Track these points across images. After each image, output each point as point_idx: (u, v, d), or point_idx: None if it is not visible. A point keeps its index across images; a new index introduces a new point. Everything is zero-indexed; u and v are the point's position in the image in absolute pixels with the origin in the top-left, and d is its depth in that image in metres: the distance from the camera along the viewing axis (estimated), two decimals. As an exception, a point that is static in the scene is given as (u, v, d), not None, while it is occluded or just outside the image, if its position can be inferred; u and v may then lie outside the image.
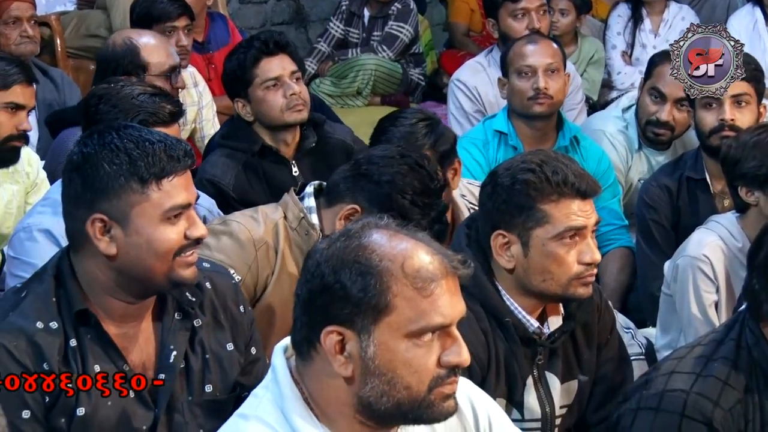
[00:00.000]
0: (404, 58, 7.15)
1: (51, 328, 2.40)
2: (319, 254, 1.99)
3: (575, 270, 2.71)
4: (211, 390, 2.55)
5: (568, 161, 2.77)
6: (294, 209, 3.14)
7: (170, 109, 3.36)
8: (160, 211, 2.38)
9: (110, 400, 2.44)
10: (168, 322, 2.51)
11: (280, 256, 3.10)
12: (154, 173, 2.37)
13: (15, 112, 3.78)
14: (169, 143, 2.41)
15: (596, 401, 2.95)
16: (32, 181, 4.00)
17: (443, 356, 1.96)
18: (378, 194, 3.05)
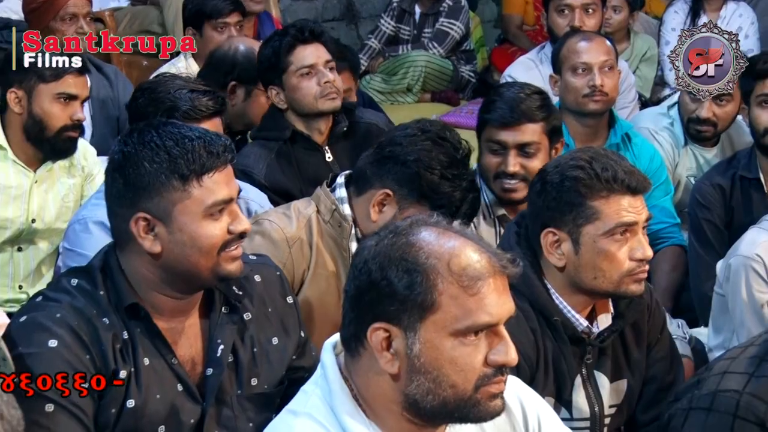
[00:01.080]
0: (455, 55, 7.14)
1: (105, 323, 2.42)
2: (367, 251, 1.99)
3: (627, 266, 2.70)
4: (257, 383, 2.56)
5: (618, 158, 2.76)
6: (326, 202, 3.13)
7: (208, 105, 3.38)
8: (202, 208, 2.39)
9: (159, 393, 2.46)
10: (215, 317, 2.52)
11: (314, 250, 3.09)
12: (194, 170, 2.38)
13: (68, 102, 3.80)
14: (208, 139, 2.42)
15: (646, 401, 2.93)
16: (87, 174, 4.02)
17: (490, 355, 1.95)
18: (406, 174, 3.04)
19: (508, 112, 3.52)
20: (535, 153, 3.54)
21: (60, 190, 3.96)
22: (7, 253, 3.93)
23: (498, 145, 3.56)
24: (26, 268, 3.96)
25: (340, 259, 3.10)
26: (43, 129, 3.80)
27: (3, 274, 3.94)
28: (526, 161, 3.53)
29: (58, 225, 3.94)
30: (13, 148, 3.84)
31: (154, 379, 2.46)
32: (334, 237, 3.11)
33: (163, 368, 2.47)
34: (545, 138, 3.56)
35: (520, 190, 3.53)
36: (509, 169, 3.53)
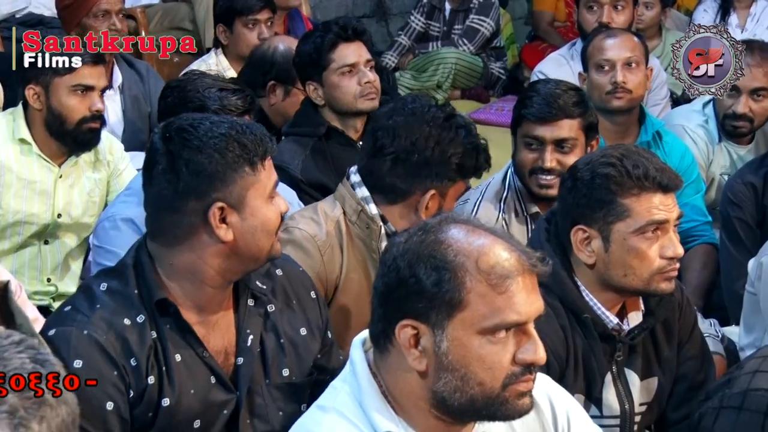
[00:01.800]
0: (485, 52, 7.13)
1: (138, 323, 2.44)
2: (396, 248, 1.99)
3: (657, 264, 2.68)
4: (288, 374, 2.58)
5: (649, 155, 2.74)
6: (351, 202, 3.12)
7: (237, 104, 3.39)
8: (267, 191, 2.46)
9: (193, 388, 2.47)
10: (243, 308, 2.54)
11: (345, 254, 3.09)
12: (261, 154, 2.44)
13: (85, 93, 3.81)
14: (256, 126, 2.50)
15: (677, 399, 2.92)
16: (113, 169, 4.04)
17: (518, 354, 1.94)
18: (445, 171, 3.05)
19: (545, 108, 3.51)
20: (571, 149, 3.53)
21: (85, 184, 3.98)
22: (34, 247, 3.96)
23: (535, 141, 3.54)
24: (53, 261, 3.99)
25: (369, 261, 3.10)
26: (63, 122, 3.81)
27: (31, 267, 3.96)
28: (562, 157, 3.52)
29: (85, 220, 3.96)
30: (37, 143, 3.87)
31: (186, 375, 2.47)
32: (363, 238, 3.11)
33: (194, 362, 2.48)
34: (582, 134, 3.55)
35: (556, 186, 3.47)
36: (546, 165, 3.52)
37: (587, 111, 3.57)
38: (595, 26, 5.06)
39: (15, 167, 3.84)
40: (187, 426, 2.47)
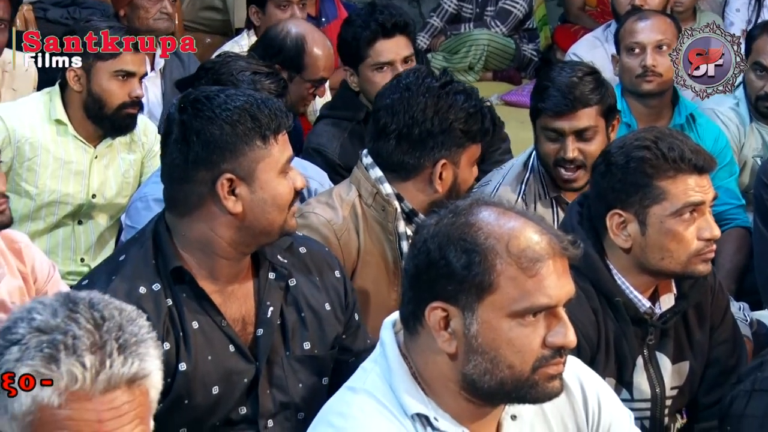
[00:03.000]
0: (517, 34, 7.10)
1: (154, 291, 2.47)
2: (427, 230, 1.99)
3: (695, 246, 2.68)
4: (309, 347, 2.60)
5: (683, 137, 2.74)
6: (366, 185, 3.10)
7: (270, 87, 3.39)
8: (279, 165, 2.48)
9: (210, 355, 2.50)
10: (263, 280, 2.57)
11: (362, 237, 3.08)
12: (273, 128, 2.46)
13: (126, 79, 3.83)
14: (272, 101, 2.52)
15: (709, 383, 2.92)
16: (147, 150, 4.06)
17: (548, 337, 1.95)
18: (450, 138, 3.04)
19: (561, 101, 3.48)
20: (592, 136, 3.51)
21: (120, 165, 4.00)
22: (68, 227, 3.98)
23: (555, 133, 3.53)
24: (87, 241, 4.02)
25: (386, 243, 3.09)
26: (103, 106, 3.83)
27: (65, 247, 3.99)
28: (584, 146, 3.51)
29: (119, 200, 3.98)
30: (73, 124, 3.88)
31: (203, 341, 2.50)
32: (379, 221, 3.09)
33: (212, 329, 2.51)
34: (601, 120, 3.53)
35: (580, 179, 3.52)
36: (568, 155, 3.50)
37: (605, 95, 3.53)
38: (628, 8, 5.02)
39: (51, 147, 3.87)
40: (206, 392, 2.50)
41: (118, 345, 1.59)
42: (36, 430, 1.58)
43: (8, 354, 1.59)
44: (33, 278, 3.12)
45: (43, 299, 1.65)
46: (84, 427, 1.57)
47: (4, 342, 1.60)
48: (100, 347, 1.58)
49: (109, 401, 1.58)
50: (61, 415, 1.57)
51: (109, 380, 1.58)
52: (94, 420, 1.57)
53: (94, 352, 1.57)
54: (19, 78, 4.42)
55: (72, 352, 1.57)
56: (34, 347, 1.57)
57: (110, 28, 3.84)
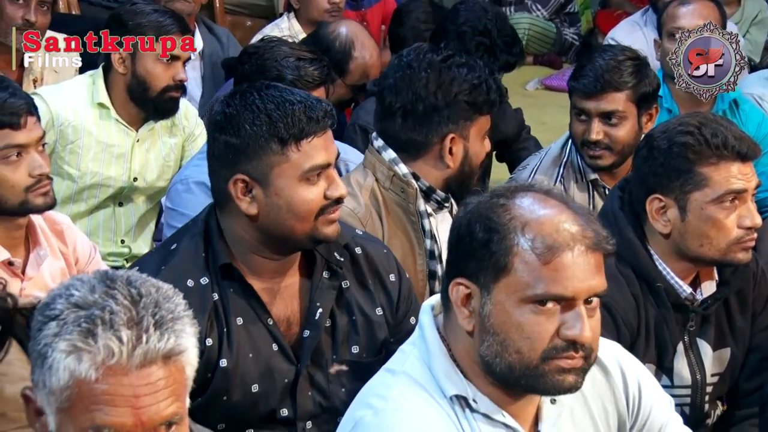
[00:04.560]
0: (559, 18, 7.08)
1: (201, 285, 2.47)
2: (465, 207, 2.00)
3: (735, 234, 2.67)
4: (357, 351, 2.58)
5: (727, 123, 2.72)
6: (381, 168, 3.07)
7: (314, 74, 3.39)
8: (299, 172, 2.42)
9: (252, 353, 2.49)
10: (316, 280, 2.54)
11: (384, 221, 3.06)
12: (294, 134, 2.41)
13: (171, 63, 3.85)
14: (309, 104, 2.44)
15: (750, 370, 2.90)
16: (188, 134, 4.08)
17: (562, 329, 1.93)
18: (454, 111, 3.02)
19: (591, 82, 3.53)
20: (619, 121, 3.54)
21: (161, 149, 4.02)
22: (109, 209, 4.01)
23: (583, 113, 3.58)
24: (127, 223, 4.04)
25: (409, 225, 3.07)
26: (147, 89, 3.85)
27: (106, 228, 4.02)
28: (609, 129, 3.54)
29: (160, 183, 4.00)
30: (116, 107, 3.90)
31: (246, 339, 2.49)
32: (399, 203, 3.06)
33: (256, 327, 2.50)
34: (632, 106, 3.54)
35: (605, 158, 3.56)
36: (591, 137, 3.54)
37: (641, 82, 3.55)
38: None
39: (93, 131, 3.89)
40: (245, 390, 2.50)
41: (155, 321, 1.61)
42: (73, 405, 1.60)
43: (47, 329, 1.61)
44: (74, 259, 3.15)
45: (81, 276, 1.67)
46: (120, 401, 1.59)
47: (43, 318, 1.62)
48: (136, 323, 1.60)
49: (145, 376, 1.60)
50: (97, 390, 1.58)
51: (145, 355, 1.59)
52: (130, 395, 1.59)
53: (130, 327, 1.59)
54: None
55: (109, 326, 1.58)
56: (72, 322, 1.59)
57: (155, 11, 3.86)
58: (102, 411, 1.58)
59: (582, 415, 2.10)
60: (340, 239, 2.57)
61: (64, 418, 1.61)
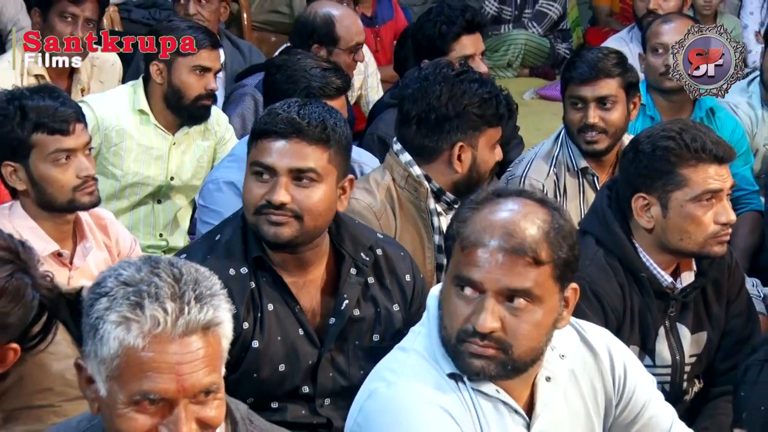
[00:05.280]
0: (552, 34, 7.05)
1: (241, 274, 2.47)
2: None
3: (711, 230, 2.66)
4: (378, 339, 2.59)
5: (706, 129, 2.72)
6: (398, 169, 3.06)
7: (338, 84, 3.39)
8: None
9: (280, 336, 2.50)
10: (344, 276, 2.54)
11: (398, 216, 3.05)
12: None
13: (202, 74, 3.85)
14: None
15: (724, 352, 2.89)
16: (219, 138, 4.08)
17: (472, 316, 1.94)
18: (464, 122, 3.00)
19: (587, 70, 3.58)
20: (613, 105, 3.58)
21: (195, 151, 4.02)
22: (148, 206, 4.01)
23: (579, 101, 3.60)
24: (165, 218, 4.04)
25: (419, 221, 3.06)
26: (181, 97, 3.85)
27: (145, 223, 4.02)
28: (604, 114, 3.57)
29: (194, 182, 4.00)
30: (155, 114, 3.90)
31: (276, 323, 2.50)
32: (412, 201, 3.06)
33: (285, 314, 2.51)
34: (622, 92, 3.59)
35: (601, 141, 3.59)
36: (589, 121, 3.56)
37: (627, 71, 3.62)
38: (644, 12, 5.05)
39: (135, 135, 3.89)
40: (273, 369, 2.51)
41: (195, 295, 1.62)
42: (122, 373, 1.60)
43: (98, 304, 1.62)
44: (117, 251, 3.15)
45: (128, 260, 1.69)
46: (164, 368, 1.60)
47: (94, 295, 1.63)
48: (179, 296, 1.61)
49: (187, 344, 1.60)
50: (144, 357, 1.59)
51: (187, 325, 1.60)
52: (173, 362, 1.60)
53: (174, 300, 1.60)
54: (106, 71, 4.44)
55: (155, 299, 1.59)
56: (121, 297, 1.60)
57: (189, 27, 3.87)
58: (148, 378, 1.59)
59: (573, 394, 2.10)
60: (365, 241, 2.58)
61: (113, 385, 1.61)
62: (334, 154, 2.46)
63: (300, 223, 2.43)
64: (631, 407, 2.16)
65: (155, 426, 1.61)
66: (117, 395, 1.61)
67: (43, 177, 2.88)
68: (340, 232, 2.57)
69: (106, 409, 1.64)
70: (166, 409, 1.61)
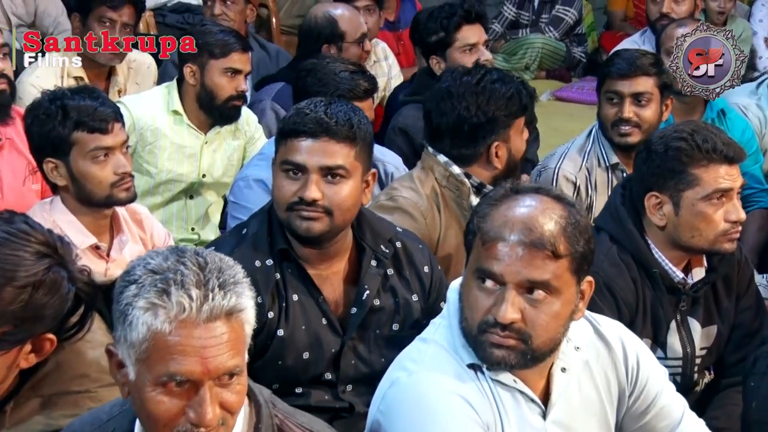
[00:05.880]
0: (568, 38, 7.03)
1: (267, 265, 2.48)
2: None
3: (722, 227, 2.65)
4: (398, 328, 2.59)
5: (717, 130, 2.70)
6: (439, 168, 3.05)
7: (365, 86, 3.39)
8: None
9: (304, 325, 2.50)
10: (365, 267, 2.55)
11: (442, 214, 3.06)
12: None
13: (234, 76, 3.86)
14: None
15: (734, 345, 2.87)
16: (249, 137, 4.08)
17: (493, 308, 1.94)
18: (498, 124, 3.00)
19: (625, 66, 3.59)
20: (647, 102, 3.58)
21: (226, 150, 4.03)
22: (181, 201, 4.02)
23: (615, 95, 3.60)
24: (197, 213, 4.05)
25: (462, 218, 3.06)
26: (213, 98, 3.86)
27: (178, 218, 4.03)
28: (639, 110, 3.57)
29: (225, 179, 4.01)
30: (188, 114, 3.92)
31: (300, 313, 2.50)
32: (455, 199, 3.06)
33: (310, 304, 2.51)
34: (657, 91, 3.60)
35: (634, 135, 3.59)
36: (624, 115, 3.57)
37: (663, 72, 3.63)
38: (657, 15, 5.03)
39: (169, 134, 3.90)
40: (297, 356, 2.51)
41: (219, 283, 1.63)
42: (150, 356, 1.62)
43: (127, 291, 1.63)
44: (151, 244, 3.16)
45: (156, 250, 1.70)
46: (190, 351, 1.61)
47: (124, 282, 1.65)
48: (204, 283, 1.62)
49: (211, 329, 1.61)
50: (171, 341, 1.60)
51: (211, 311, 1.61)
52: (198, 346, 1.61)
53: (199, 287, 1.61)
54: (142, 74, 4.46)
55: (180, 286, 1.61)
56: (149, 284, 1.62)
57: (221, 32, 3.88)
58: (175, 360, 1.60)
59: (588, 384, 2.10)
60: (385, 233, 2.58)
61: (141, 368, 1.63)
62: (360, 150, 2.48)
63: (330, 218, 2.45)
64: (643, 397, 2.15)
65: (181, 408, 1.62)
66: (145, 378, 1.63)
67: (82, 173, 2.89)
68: (361, 226, 2.57)
69: (135, 393, 1.66)
70: (192, 391, 1.62)
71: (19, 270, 1.87)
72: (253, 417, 1.75)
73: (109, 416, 1.80)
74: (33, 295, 1.87)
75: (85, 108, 2.86)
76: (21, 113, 3.24)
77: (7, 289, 1.85)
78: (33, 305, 1.88)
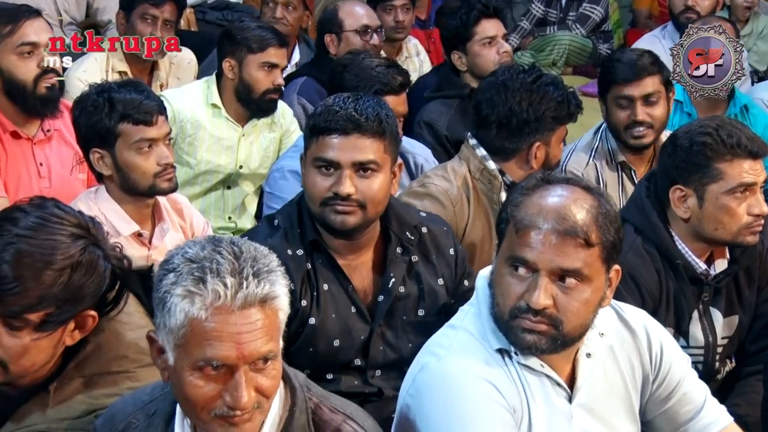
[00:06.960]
0: (595, 35, 6.98)
1: (298, 255, 2.50)
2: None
3: (745, 220, 2.64)
4: (423, 314, 2.59)
5: (741, 126, 2.70)
6: (474, 161, 3.07)
7: (400, 80, 3.40)
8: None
9: (335, 313, 2.52)
10: (391, 255, 2.56)
11: (471, 204, 3.06)
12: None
13: (270, 70, 3.87)
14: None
15: (755, 334, 2.87)
16: (285, 130, 4.10)
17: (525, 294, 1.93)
18: (537, 126, 3.00)
19: (629, 70, 3.53)
20: (657, 101, 3.54)
21: (263, 142, 4.04)
22: (219, 191, 4.04)
23: (625, 100, 3.55)
24: (234, 203, 4.07)
25: (491, 211, 3.07)
26: (251, 92, 3.87)
27: (216, 207, 4.05)
28: (651, 110, 3.53)
29: (261, 171, 4.03)
30: (226, 107, 3.93)
31: (330, 302, 2.52)
32: (486, 192, 3.07)
33: (340, 293, 2.53)
34: (662, 87, 3.56)
35: (648, 136, 3.56)
36: (638, 118, 3.52)
37: (663, 68, 3.58)
38: (681, 8, 4.99)
39: (208, 126, 3.92)
40: (328, 343, 2.53)
41: (253, 271, 1.64)
42: (187, 342, 1.64)
43: (166, 279, 1.65)
44: (191, 232, 3.18)
45: (193, 239, 1.72)
46: (226, 337, 1.62)
47: (163, 271, 1.67)
48: (238, 272, 1.63)
49: (246, 316, 1.63)
50: (207, 327, 1.62)
51: (245, 298, 1.62)
52: (233, 332, 1.62)
53: (233, 276, 1.63)
54: (183, 68, 4.48)
55: (216, 274, 1.62)
56: (186, 272, 1.64)
57: (259, 27, 3.89)
58: (211, 346, 1.62)
59: (612, 370, 2.10)
60: (410, 220, 2.58)
61: (180, 353, 1.65)
62: (388, 144, 2.49)
63: (363, 211, 2.46)
64: (666, 383, 2.15)
65: (218, 392, 1.64)
66: (183, 362, 1.65)
67: (127, 163, 2.92)
68: (387, 214, 2.58)
69: (174, 376, 1.68)
70: (228, 375, 1.64)
71: (57, 253, 1.89)
72: (288, 400, 1.77)
73: (151, 398, 1.82)
74: (72, 276, 1.90)
75: (130, 101, 2.89)
76: (68, 106, 3.27)
77: (47, 273, 1.88)
78: (72, 286, 1.90)
